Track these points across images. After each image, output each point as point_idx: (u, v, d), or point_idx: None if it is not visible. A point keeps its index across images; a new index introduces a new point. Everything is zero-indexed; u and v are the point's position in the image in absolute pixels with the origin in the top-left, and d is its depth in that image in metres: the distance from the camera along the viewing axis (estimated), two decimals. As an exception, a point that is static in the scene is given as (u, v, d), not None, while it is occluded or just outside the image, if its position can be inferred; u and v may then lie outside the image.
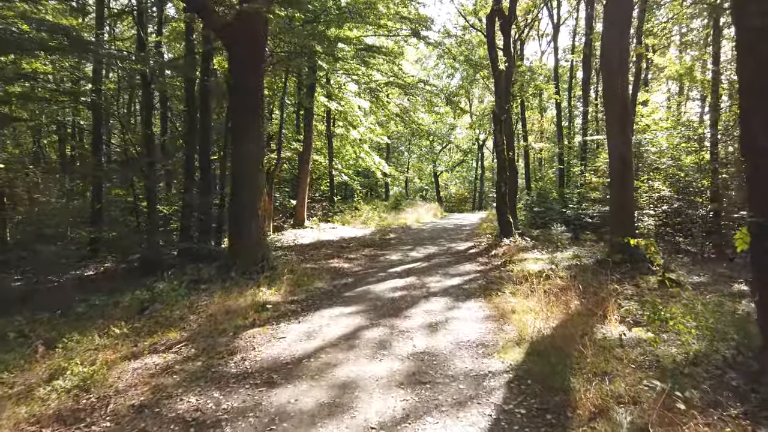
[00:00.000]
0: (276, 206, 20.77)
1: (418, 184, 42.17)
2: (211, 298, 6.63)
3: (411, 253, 11.91)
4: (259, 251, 8.68)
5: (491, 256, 11.09)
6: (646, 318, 5.72)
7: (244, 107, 8.67)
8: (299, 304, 6.74)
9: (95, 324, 5.63)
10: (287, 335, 5.36)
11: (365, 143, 25.56)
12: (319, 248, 12.92)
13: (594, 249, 12.24)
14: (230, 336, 5.27)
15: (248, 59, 8.57)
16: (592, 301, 6.27)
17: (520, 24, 18.66)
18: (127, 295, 6.93)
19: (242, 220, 8.67)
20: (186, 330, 5.51)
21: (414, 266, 9.97)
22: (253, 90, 8.65)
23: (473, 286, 7.94)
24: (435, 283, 8.14)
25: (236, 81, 8.64)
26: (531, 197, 20.65)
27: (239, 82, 8.60)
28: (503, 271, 9.08)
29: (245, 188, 8.70)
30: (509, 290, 7.09)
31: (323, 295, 7.36)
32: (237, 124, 8.75)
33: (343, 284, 8.20)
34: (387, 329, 5.48)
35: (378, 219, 20.97)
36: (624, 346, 4.41)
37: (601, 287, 6.97)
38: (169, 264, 10.99)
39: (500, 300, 6.67)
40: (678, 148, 13.97)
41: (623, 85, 8.06)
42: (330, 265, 10.06)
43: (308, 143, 18.82)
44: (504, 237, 12.53)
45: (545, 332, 5.12)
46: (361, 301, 6.93)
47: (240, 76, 8.60)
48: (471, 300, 6.89)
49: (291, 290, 7.38)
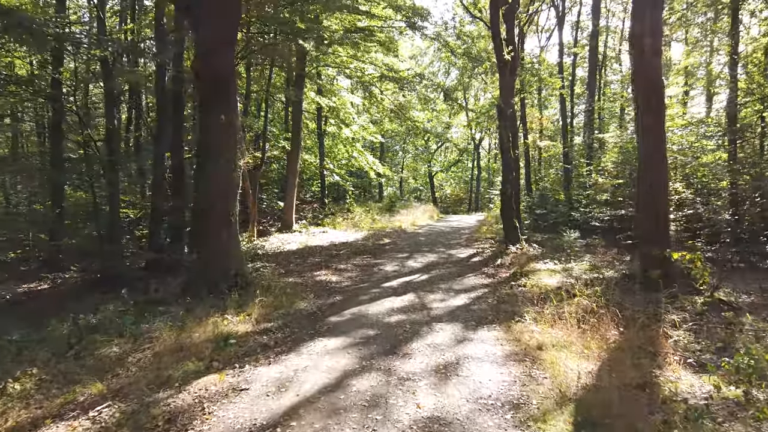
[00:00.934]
0: (262, 208, 19.45)
1: (413, 184, 40.98)
2: (165, 327, 5.34)
3: (408, 262, 10.67)
4: (231, 265, 7.39)
5: (498, 266, 9.88)
6: (709, 353, 4.53)
7: (214, 96, 7.37)
8: (273, 334, 5.46)
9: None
10: (252, 385, 4.09)
11: (358, 142, 24.34)
12: (305, 256, 11.65)
13: (608, 257, 11.10)
14: (175, 388, 3.98)
15: (217, 36, 7.28)
16: (636, 331, 5.07)
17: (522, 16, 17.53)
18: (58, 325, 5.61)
19: (211, 228, 7.37)
20: (119, 378, 4.22)
21: (412, 279, 8.73)
22: (223, 76, 7.36)
23: (483, 306, 6.71)
24: (438, 303, 6.90)
25: (203, 65, 7.34)
26: (533, 199, 19.51)
27: (207, 66, 7.30)
28: (515, 286, 7.86)
29: (215, 191, 7.41)
30: (529, 315, 5.86)
31: (305, 320, 6.09)
32: (205, 115, 7.44)
33: (330, 304, 6.93)
34: (382, 376, 4.23)
35: (371, 222, 19.71)
36: (715, 419, 3.18)
37: (640, 311, 5.77)
38: (134, 277, 9.69)
39: (520, 329, 5.44)
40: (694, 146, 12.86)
41: (657, 69, 6.87)
42: (316, 279, 8.79)
43: (297, 141, 17.51)
44: (510, 244, 11.33)
45: (588, 382, 3.90)
46: (351, 328, 5.67)
47: (207, 59, 7.30)
48: (484, 328, 5.65)
49: (265, 314, 6.10)
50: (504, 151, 11.72)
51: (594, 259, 10.71)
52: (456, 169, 42.70)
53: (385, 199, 29.04)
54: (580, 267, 9.06)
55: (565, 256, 10.40)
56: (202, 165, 7.52)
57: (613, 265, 9.77)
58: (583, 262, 9.72)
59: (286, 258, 11.34)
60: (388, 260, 10.87)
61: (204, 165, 7.48)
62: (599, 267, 9.16)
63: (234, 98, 7.58)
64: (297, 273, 9.37)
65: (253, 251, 11.71)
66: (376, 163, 23.70)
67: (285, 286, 7.66)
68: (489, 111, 23.50)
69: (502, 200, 12.14)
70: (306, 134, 22.80)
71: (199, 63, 7.37)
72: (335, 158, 24.57)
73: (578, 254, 11.03)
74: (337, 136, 23.65)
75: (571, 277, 8.09)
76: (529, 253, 10.60)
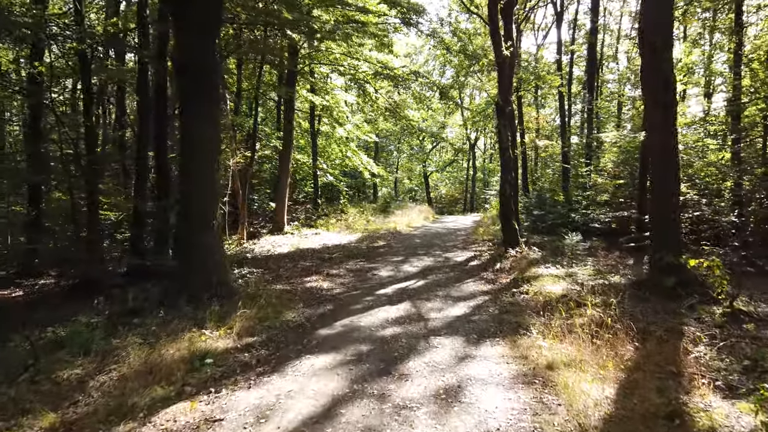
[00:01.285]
0: (254, 210, 18.92)
1: (408, 184, 40.54)
2: (135, 344, 4.83)
3: (403, 266, 10.20)
4: (213, 273, 6.88)
5: (497, 271, 9.43)
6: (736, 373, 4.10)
7: (196, 90, 6.85)
8: (256, 351, 4.97)
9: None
10: (227, 414, 3.60)
11: (352, 141, 23.85)
12: (296, 260, 11.15)
13: (611, 261, 10.70)
14: (139, 420, 3.49)
15: (199, 25, 6.77)
16: (654, 346, 4.63)
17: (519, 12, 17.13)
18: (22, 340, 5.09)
19: (191, 233, 6.87)
20: (77, 406, 3.72)
21: (408, 286, 8.26)
22: (206, 68, 6.85)
23: (484, 317, 6.25)
24: (436, 313, 6.43)
25: (185, 56, 6.83)
26: (530, 199, 19.10)
27: (188, 57, 6.79)
28: (517, 294, 7.42)
29: (196, 193, 6.90)
30: (535, 327, 5.41)
31: (292, 334, 5.60)
32: (187, 111, 6.92)
33: (320, 315, 6.44)
34: (375, 403, 3.75)
35: (365, 223, 19.24)
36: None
37: (656, 323, 5.34)
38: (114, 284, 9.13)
39: (527, 344, 4.98)
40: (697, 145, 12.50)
41: (668, 62, 6.44)
42: (306, 285, 8.29)
43: (288, 139, 16.99)
44: (509, 247, 10.89)
45: (609, 410, 3.45)
46: (342, 343, 5.19)
47: (189, 50, 6.79)
48: (487, 342, 5.18)
49: (249, 327, 5.60)
50: (503, 150, 11.27)
51: (596, 262, 10.30)
52: (451, 169, 42.31)
53: (379, 199, 28.57)
54: (583, 272, 8.64)
55: (567, 259, 9.98)
56: (184, 165, 7.00)
57: (617, 270, 9.36)
58: (587, 267, 9.30)
59: (276, 262, 10.84)
60: (382, 264, 10.39)
61: (186, 165, 6.96)
62: (604, 272, 8.74)
63: (217, 93, 7.10)
64: (286, 279, 8.87)
65: (241, 255, 11.21)
66: (371, 163, 23.24)
67: (272, 294, 7.16)
68: (485, 110, 23.05)
69: (502, 201, 11.69)
70: (299, 133, 22.28)
71: (180, 53, 6.86)
72: (329, 158, 24.08)
73: (580, 258, 10.64)
74: (330, 135, 23.16)
75: (576, 283, 7.67)
76: (529, 256, 10.17)
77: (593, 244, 12.22)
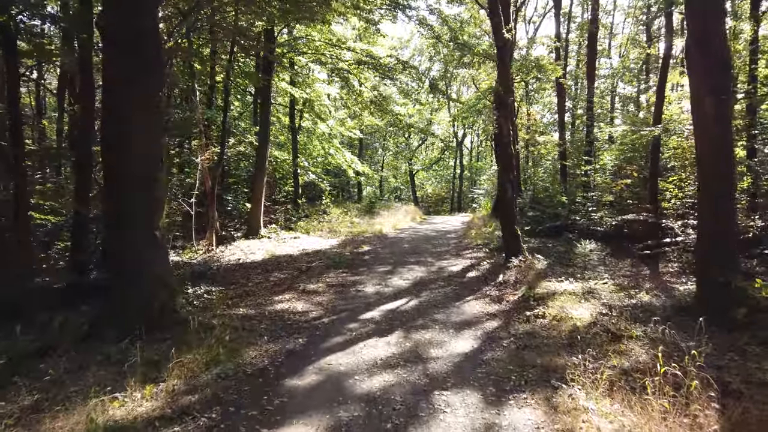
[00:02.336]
0: (228, 211, 17.30)
1: (393, 183, 39.23)
2: (11, 416, 3.36)
3: (392, 279, 8.82)
4: (154, 296, 5.41)
5: (501, 285, 8.13)
6: None
7: (130, 67, 5.35)
8: (193, 422, 3.53)
9: None
10: None
11: (335, 138, 22.40)
12: (270, 270, 9.71)
13: (624, 271, 9.50)
14: None
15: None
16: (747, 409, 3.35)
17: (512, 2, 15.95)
18: None
19: (123, 245, 5.38)
20: None
21: (399, 307, 6.89)
22: (142, 37, 5.35)
23: (498, 354, 4.91)
24: (437, 349, 5.06)
25: (114, 23, 5.33)
26: (523, 199, 17.92)
27: (119, 21, 5.29)
28: (532, 318, 6.10)
29: (134, 198, 5.41)
30: (570, 375, 4.07)
31: (248, 388, 4.16)
32: (116, 93, 5.41)
33: (288, 353, 5.01)
34: None
35: (349, 225, 17.83)
36: None
37: (731, 370, 4.07)
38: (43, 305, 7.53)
39: (566, 405, 3.64)
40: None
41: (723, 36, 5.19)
42: (276, 308, 6.84)
43: (265, 135, 15.42)
44: (511, 255, 9.60)
45: None
46: (313, 405, 3.79)
47: (120, 15, 5.29)
48: (510, 401, 3.83)
49: (190, 378, 4.15)
50: (504, 145, 9.95)
51: (610, 273, 9.11)
52: (438, 167, 41.13)
53: (364, 199, 27.19)
54: (603, 288, 7.39)
55: (580, 271, 8.75)
56: (112, 159, 5.49)
57: (637, 283, 8.16)
58: (604, 280, 8.08)
59: (246, 274, 9.37)
60: (368, 276, 9.01)
61: (114, 159, 5.46)
62: (626, 287, 7.51)
63: (160, 69, 5.60)
64: (253, 297, 7.41)
65: (205, 266, 9.67)
66: (355, 161, 21.85)
67: (230, 321, 5.72)
68: (476, 105, 21.80)
69: (502, 203, 10.42)
70: (279, 129, 20.75)
71: (109, 19, 5.35)
72: (310, 155, 22.56)
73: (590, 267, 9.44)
74: (312, 131, 21.69)
75: (601, 303, 6.41)
76: (534, 266, 8.85)
77: (598, 249, 11.06)
